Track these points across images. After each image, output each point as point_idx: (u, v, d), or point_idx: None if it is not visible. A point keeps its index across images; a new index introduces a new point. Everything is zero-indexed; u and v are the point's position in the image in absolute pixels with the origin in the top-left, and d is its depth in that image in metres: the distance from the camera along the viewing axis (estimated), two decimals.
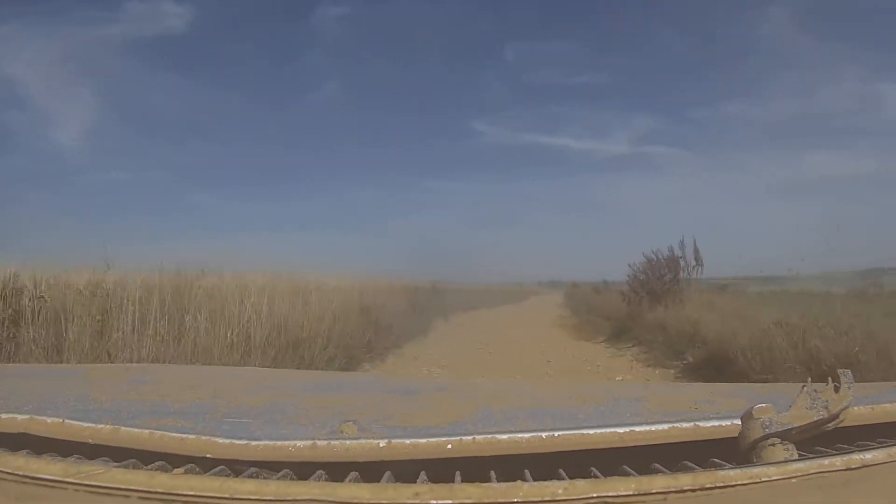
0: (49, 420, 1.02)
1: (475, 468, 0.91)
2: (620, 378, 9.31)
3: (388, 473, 0.87)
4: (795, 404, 0.85)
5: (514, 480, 0.85)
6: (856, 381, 0.85)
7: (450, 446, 0.93)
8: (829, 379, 0.85)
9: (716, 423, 0.96)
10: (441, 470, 0.91)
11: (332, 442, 0.94)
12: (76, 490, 0.74)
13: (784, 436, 0.84)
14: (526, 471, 0.88)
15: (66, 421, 1.01)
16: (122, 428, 0.99)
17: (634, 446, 0.94)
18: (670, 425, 0.96)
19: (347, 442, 0.94)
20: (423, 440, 0.94)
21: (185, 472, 0.85)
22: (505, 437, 0.94)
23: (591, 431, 0.96)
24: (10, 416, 1.03)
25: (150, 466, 0.87)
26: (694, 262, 15.69)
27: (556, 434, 0.95)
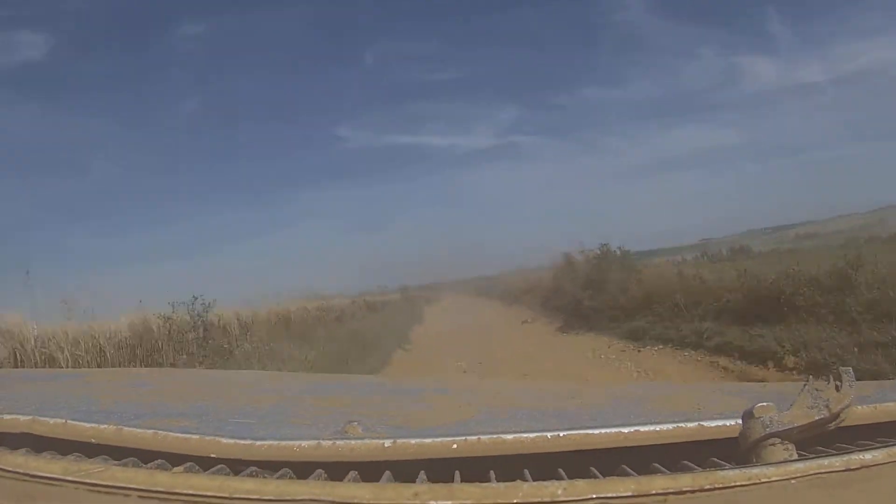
0: (52, 420, 1.02)
1: (479, 468, 0.92)
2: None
3: (387, 473, 0.87)
4: (796, 403, 0.85)
5: (517, 478, 0.86)
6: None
7: (455, 446, 0.93)
8: (830, 377, 0.85)
9: (720, 423, 0.95)
10: (444, 469, 0.91)
11: (337, 442, 0.94)
12: (76, 488, 0.74)
13: (785, 435, 0.83)
14: (525, 471, 0.88)
15: (69, 421, 1.01)
16: (125, 428, 1.00)
17: (639, 446, 0.95)
18: (675, 425, 0.96)
19: (352, 442, 0.94)
20: (428, 440, 0.94)
21: (185, 471, 0.85)
22: (510, 437, 0.94)
23: (596, 431, 0.96)
24: (14, 416, 1.04)
25: (149, 465, 0.88)
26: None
27: (560, 434, 0.95)
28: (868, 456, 0.80)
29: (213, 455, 0.94)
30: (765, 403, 0.85)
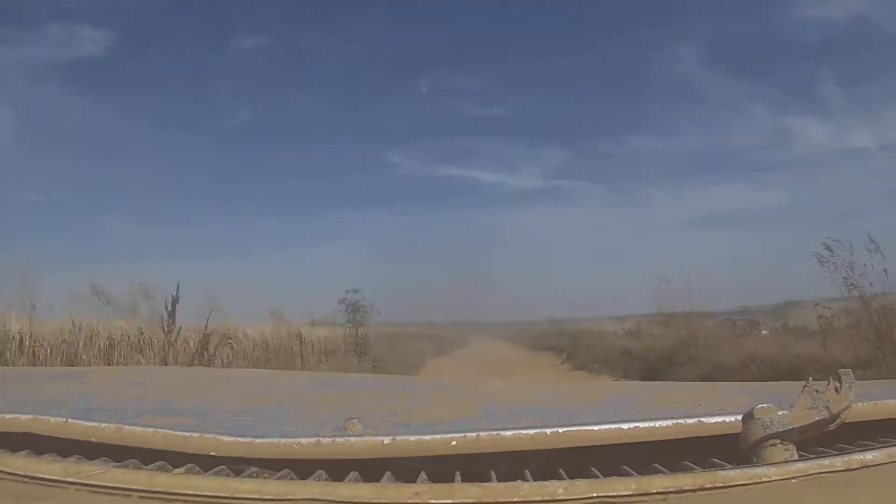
0: (52, 419, 1.02)
1: (479, 464, 0.92)
2: None
3: (388, 473, 0.88)
4: (797, 404, 0.85)
5: (518, 477, 0.86)
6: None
7: (454, 443, 0.93)
8: (830, 379, 0.85)
9: (719, 420, 0.96)
10: (444, 466, 0.91)
11: (336, 439, 0.94)
12: (77, 490, 0.74)
13: (785, 436, 0.84)
14: (526, 471, 0.88)
15: (70, 420, 1.02)
16: (126, 427, 1.00)
17: (639, 443, 0.95)
18: (674, 422, 0.96)
19: (352, 439, 0.94)
20: (428, 437, 0.94)
21: (186, 472, 0.85)
22: (509, 433, 0.94)
23: (596, 428, 0.96)
24: (14, 415, 1.04)
25: (150, 466, 0.88)
26: None
27: (560, 430, 0.95)
28: (868, 456, 0.80)
29: (212, 453, 0.94)
30: (765, 405, 0.85)
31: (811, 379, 0.86)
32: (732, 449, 0.90)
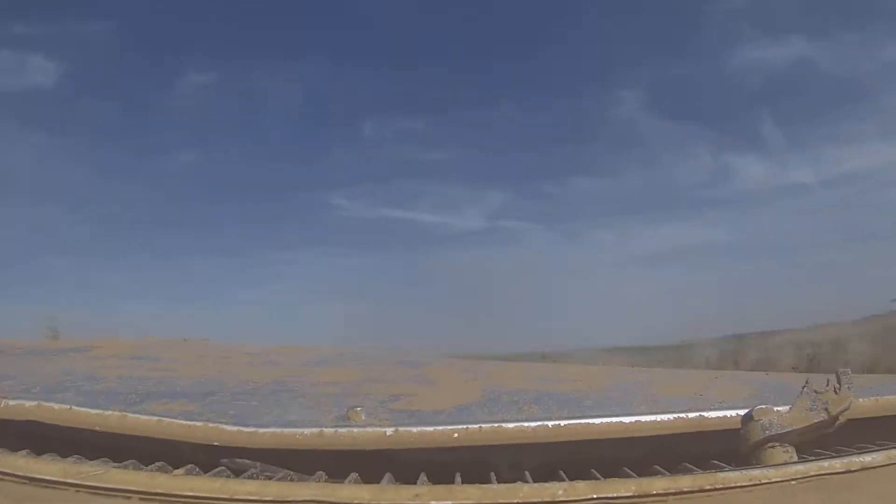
0: (57, 407, 1.02)
1: (481, 455, 0.92)
2: None
3: (388, 475, 0.88)
4: (795, 406, 0.84)
5: (519, 469, 0.86)
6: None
7: (456, 435, 0.93)
8: (829, 379, 0.85)
9: (720, 414, 0.96)
10: (447, 457, 0.92)
11: (339, 430, 0.95)
12: (77, 491, 0.74)
13: (784, 438, 0.83)
14: (526, 472, 0.88)
15: (74, 408, 1.02)
16: (130, 415, 1.00)
17: (642, 436, 0.95)
18: (675, 416, 0.97)
19: (354, 430, 0.95)
20: (430, 428, 0.94)
21: (186, 473, 0.86)
22: (511, 426, 0.94)
23: (597, 421, 0.96)
24: (19, 402, 1.04)
25: (150, 467, 0.88)
26: None
27: (561, 423, 0.95)
28: (868, 458, 0.79)
29: (216, 443, 0.95)
30: (764, 406, 0.85)
31: (809, 380, 0.86)
32: (734, 443, 0.90)
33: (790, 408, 0.84)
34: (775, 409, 0.85)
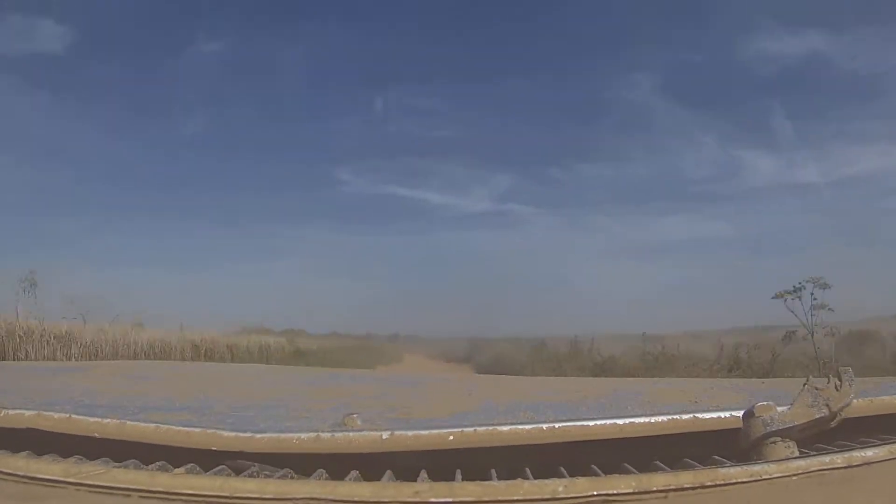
0: (56, 415, 1.02)
1: (477, 459, 0.92)
2: None
3: (388, 472, 0.88)
4: (797, 402, 0.84)
5: (517, 471, 0.86)
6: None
7: (451, 437, 0.93)
8: (830, 376, 0.85)
9: (715, 415, 0.96)
10: (444, 460, 0.92)
11: (336, 434, 0.94)
12: (77, 490, 0.74)
13: (786, 433, 0.83)
14: (527, 469, 0.88)
15: (73, 416, 1.02)
16: (128, 422, 1.00)
17: (637, 438, 0.95)
18: (669, 417, 0.97)
19: (350, 434, 0.94)
20: (425, 432, 0.94)
21: (186, 472, 0.85)
22: (506, 428, 0.94)
23: (592, 423, 0.96)
24: (18, 411, 1.04)
25: (150, 466, 0.88)
26: None
27: (556, 426, 0.95)
28: (869, 453, 0.79)
29: (214, 448, 0.94)
30: (765, 402, 0.85)
31: (810, 377, 0.86)
32: (731, 445, 0.90)
33: (792, 403, 0.84)
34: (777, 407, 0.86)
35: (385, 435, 0.93)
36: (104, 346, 11.30)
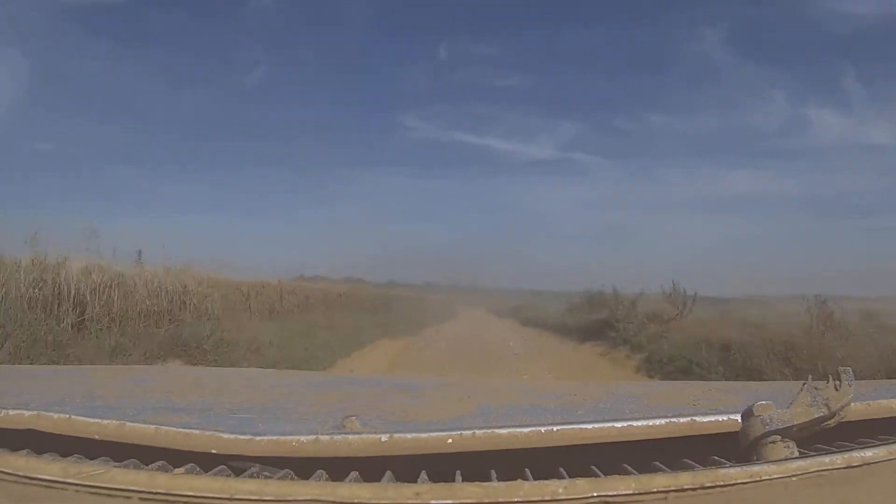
0: (56, 416, 1.02)
1: (476, 462, 0.92)
2: None
3: (388, 473, 0.88)
4: (796, 401, 0.85)
5: (514, 475, 0.86)
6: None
7: (450, 440, 0.94)
8: (830, 377, 0.85)
9: (713, 419, 0.96)
10: (442, 463, 0.92)
11: (335, 437, 0.95)
12: (77, 491, 0.74)
13: (785, 433, 0.84)
14: (527, 470, 0.88)
15: (73, 417, 1.02)
16: (128, 424, 1.00)
17: (635, 441, 0.95)
18: (667, 420, 0.97)
19: (350, 437, 0.95)
20: (425, 434, 0.95)
21: (186, 472, 0.85)
22: (504, 431, 0.95)
23: (590, 426, 0.96)
24: (18, 412, 1.04)
25: (150, 466, 0.88)
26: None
27: (554, 429, 0.95)
28: (869, 453, 0.80)
29: (213, 451, 0.95)
30: (764, 402, 0.86)
31: (811, 377, 0.87)
32: (729, 448, 0.90)
33: (791, 403, 0.85)
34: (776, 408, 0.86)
35: (384, 437, 0.94)
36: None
